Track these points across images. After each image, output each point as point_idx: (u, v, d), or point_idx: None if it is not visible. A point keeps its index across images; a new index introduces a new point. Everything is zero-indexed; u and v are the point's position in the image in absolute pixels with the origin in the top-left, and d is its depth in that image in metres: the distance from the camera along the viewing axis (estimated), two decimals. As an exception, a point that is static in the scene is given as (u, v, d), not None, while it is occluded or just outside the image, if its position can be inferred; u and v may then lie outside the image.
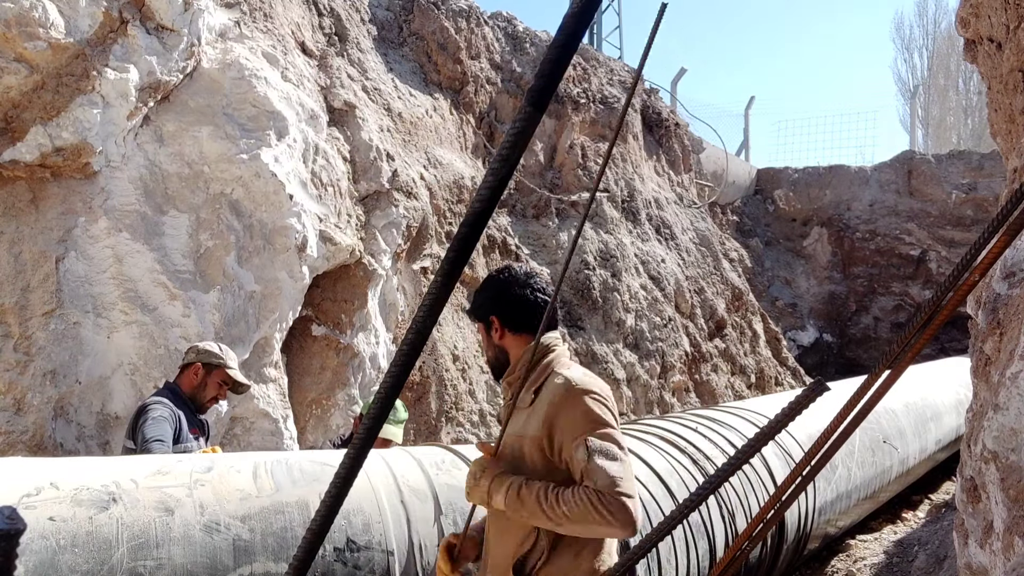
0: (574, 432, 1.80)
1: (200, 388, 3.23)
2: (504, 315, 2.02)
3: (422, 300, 0.82)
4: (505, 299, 2.02)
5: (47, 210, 3.60)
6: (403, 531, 2.33)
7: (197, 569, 1.91)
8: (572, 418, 1.82)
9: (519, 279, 2.03)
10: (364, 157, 5.27)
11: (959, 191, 13.07)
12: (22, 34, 3.34)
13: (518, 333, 2.01)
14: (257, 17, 4.75)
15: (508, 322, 2.01)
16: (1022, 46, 2.15)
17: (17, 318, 3.44)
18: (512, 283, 2.03)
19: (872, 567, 4.85)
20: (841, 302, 13.55)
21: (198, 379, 3.23)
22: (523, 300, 2.01)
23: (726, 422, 4.30)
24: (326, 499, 0.94)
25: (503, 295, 2.03)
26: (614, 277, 7.79)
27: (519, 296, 2.01)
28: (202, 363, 3.23)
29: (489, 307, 2.04)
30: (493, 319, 2.03)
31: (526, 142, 0.73)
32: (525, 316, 2.01)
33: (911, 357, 1.10)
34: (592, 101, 8.83)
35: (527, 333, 2.00)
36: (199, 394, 3.24)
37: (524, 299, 2.01)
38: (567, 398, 1.84)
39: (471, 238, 0.76)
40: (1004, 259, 2.04)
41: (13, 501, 1.75)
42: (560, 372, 1.93)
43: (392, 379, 0.83)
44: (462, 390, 5.93)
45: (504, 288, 2.03)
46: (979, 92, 24.42)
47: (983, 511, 1.97)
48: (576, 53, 2.42)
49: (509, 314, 2.01)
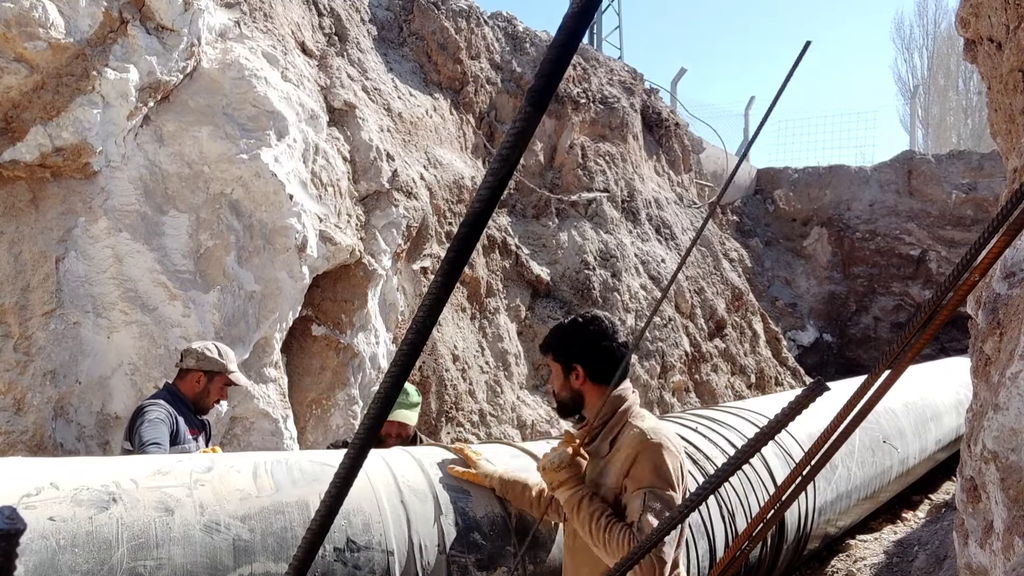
0: (640, 481, 1.93)
1: (203, 395, 3.24)
2: (590, 366, 2.11)
3: (422, 300, 0.82)
4: (594, 352, 2.11)
5: (47, 210, 3.60)
6: (403, 531, 2.33)
7: (197, 569, 1.91)
8: (643, 468, 1.95)
9: (608, 332, 2.12)
10: (364, 157, 5.27)
11: (959, 191, 13.07)
12: (22, 34, 3.34)
13: (597, 383, 2.11)
14: (257, 17, 4.75)
15: (592, 373, 2.11)
16: (1022, 46, 2.15)
17: (17, 318, 3.44)
18: (602, 336, 2.11)
19: (872, 567, 4.86)
20: (841, 302, 13.55)
21: (200, 387, 3.23)
22: (610, 354, 2.11)
23: (726, 422, 4.30)
24: (326, 499, 0.94)
25: (593, 347, 2.11)
26: (614, 277, 7.79)
27: (607, 350, 2.11)
28: (203, 371, 3.22)
29: (576, 355, 2.12)
30: (577, 367, 2.12)
31: (526, 142, 0.73)
32: (610, 370, 2.09)
33: (911, 357, 1.09)
34: (592, 101, 8.83)
35: (605, 384, 2.10)
36: (201, 400, 3.25)
37: (611, 353, 2.11)
38: (643, 449, 1.97)
39: (471, 238, 0.76)
40: (1004, 259, 2.04)
41: (13, 501, 1.75)
42: (635, 424, 2.04)
43: (392, 379, 0.83)
44: (462, 390, 5.93)
45: (594, 340, 2.11)
46: (979, 92, 24.42)
47: (983, 511, 1.97)
48: (576, 53, 2.42)
49: (595, 366, 2.10)
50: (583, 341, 2.12)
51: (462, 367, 6.02)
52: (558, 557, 2.62)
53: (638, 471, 1.94)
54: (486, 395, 6.22)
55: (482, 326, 6.59)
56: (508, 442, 3.32)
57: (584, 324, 2.14)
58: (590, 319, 2.15)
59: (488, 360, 6.46)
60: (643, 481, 1.92)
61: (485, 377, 6.28)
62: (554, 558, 2.62)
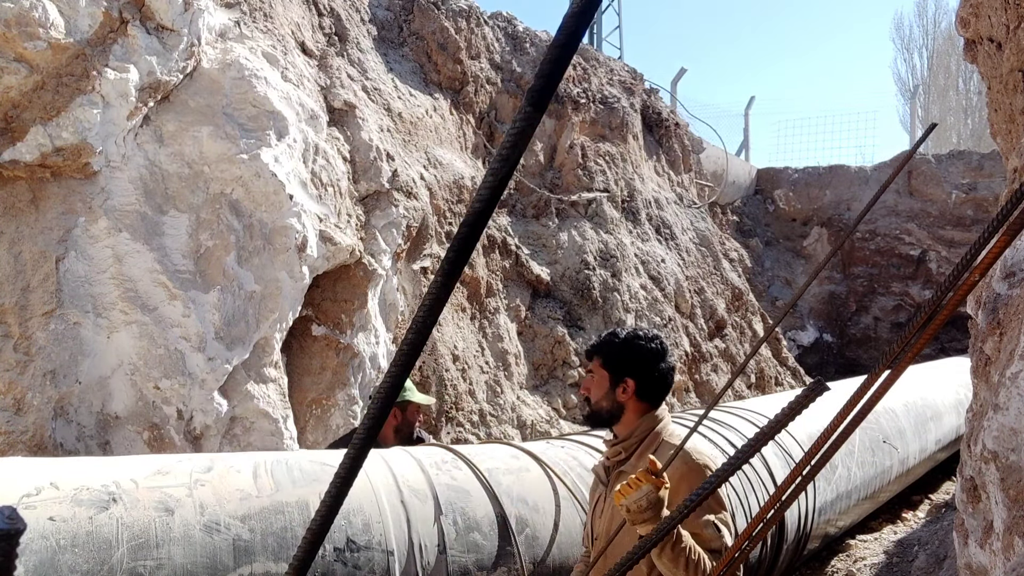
0: (701, 508, 1.92)
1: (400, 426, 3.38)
2: (642, 384, 2.13)
3: (422, 300, 0.82)
4: (650, 371, 2.14)
5: (47, 210, 3.60)
6: (403, 531, 2.33)
7: (197, 569, 1.91)
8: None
9: (663, 354, 2.18)
10: (364, 157, 5.27)
11: (959, 191, 13.08)
12: (22, 34, 3.34)
13: (643, 400, 2.14)
14: (257, 17, 4.75)
15: (642, 391, 2.13)
16: (1022, 46, 2.15)
17: (17, 318, 3.44)
18: (660, 357, 2.17)
19: (872, 567, 4.86)
20: (841, 302, 13.55)
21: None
22: (664, 377, 2.15)
23: (726, 422, 4.30)
24: (326, 499, 0.94)
25: (650, 367, 2.14)
26: (614, 277, 7.79)
27: (663, 372, 2.15)
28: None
29: (631, 370, 2.13)
30: (628, 380, 2.12)
31: (526, 142, 0.73)
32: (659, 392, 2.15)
33: (911, 357, 1.09)
34: (592, 101, 8.83)
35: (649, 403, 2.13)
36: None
37: (665, 377, 2.15)
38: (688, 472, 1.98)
39: (471, 238, 0.76)
40: (1004, 259, 2.04)
41: (13, 501, 1.75)
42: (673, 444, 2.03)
43: (392, 379, 0.83)
44: (462, 390, 5.92)
45: (653, 360, 2.15)
46: (979, 92, 24.43)
47: (983, 511, 1.97)
48: (576, 53, 2.43)
49: (648, 385, 2.13)
50: (642, 359, 2.13)
51: (462, 367, 6.02)
52: (558, 557, 2.62)
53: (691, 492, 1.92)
54: (486, 395, 6.22)
55: (482, 326, 6.59)
56: (508, 442, 3.33)
57: (643, 342, 2.16)
58: (651, 337, 2.19)
59: (488, 360, 6.46)
60: (704, 507, 1.92)
61: (485, 377, 6.28)
62: (554, 558, 2.62)
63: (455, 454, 2.81)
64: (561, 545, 2.65)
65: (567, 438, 3.66)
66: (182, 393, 3.77)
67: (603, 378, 2.14)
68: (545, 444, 3.30)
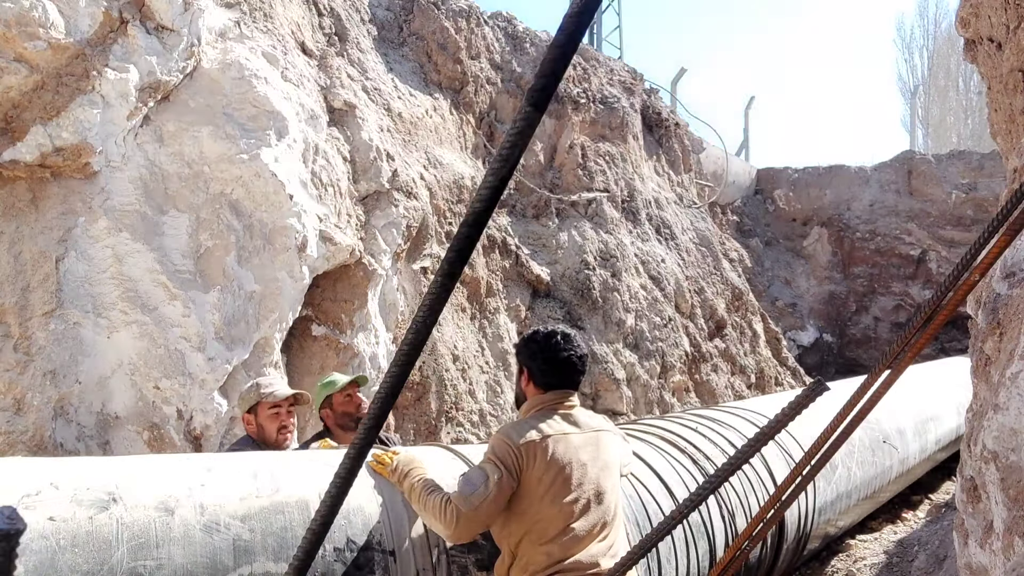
0: None
1: (260, 432, 3.00)
2: (532, 373, 2.50)
3: (422, 300, 0.82)
4: (536, 362, 2.51)
5: (47, 210, 3.60)
6: (403, 531, 2.33)
7: (197, 569, 1.91)
8: None
9: (550, 348, 2.49)
10: (364, 157, 5.27)
11: (959, 191, 13.08)
12: (22, 34, 3.34)
13: (537, 387, 2.50)
14: (257, 17, 4.75)
15: (535, 379, 2.48)
16: (1022, 46, 2.15)
17: (17, 318, 3.44)
18: (545, 350, 2.49)
19: (872, 567, 4.85)
20: (841, 302, 13.55)
21: (253, 426, 3.01)
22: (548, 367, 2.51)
23: (726, 422, 4.30)
24: (326, 499, 0.94)
25: (535, 359, 2.50)
26: (614, 277, 7.79)
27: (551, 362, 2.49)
28: (245, 412, 3.03)
29: (525, 361, 2.54)
30: (525, 371, 2.52)
31: (526, 142, 0.73)
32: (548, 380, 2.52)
33: (911, 357, 1.09)
34: (592, 101, 8.83)
35: (541, 388, 2.50)
36: (264, 437, 3.00)
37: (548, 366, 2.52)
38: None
39: (471, 238, 0.76)
40: (1004, 259, 2.04)
41: (13, 501, 1.75)
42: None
43: (392, 379, 0.83)
44: (462, 390, 5.93)
45: (539, 352, 2.50)
46: (979, 92, 24.42)
47: (983, 511, 1.97)
48: (576, 53, 2.43)
49: (536, 374, 2.49)
50: (530, 351, 2.49)
51: (462, 367, 6.02)
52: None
53: None
54: (486, 395, 6.23)
55: (482, 326, 6.59)
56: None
57: (539, 336, 2.50)
58: (548, 333, 2.50)
59: (488, 360, 6.46)
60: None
61: (485, 377, 6.28)
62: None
63: (455, 454, 2.81)
64: (561, 545, 2.65)
65: (567, 438, 3.65)
66: (182, 393, 3.77)
67: (518, 371, 2.53)
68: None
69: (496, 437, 2.32)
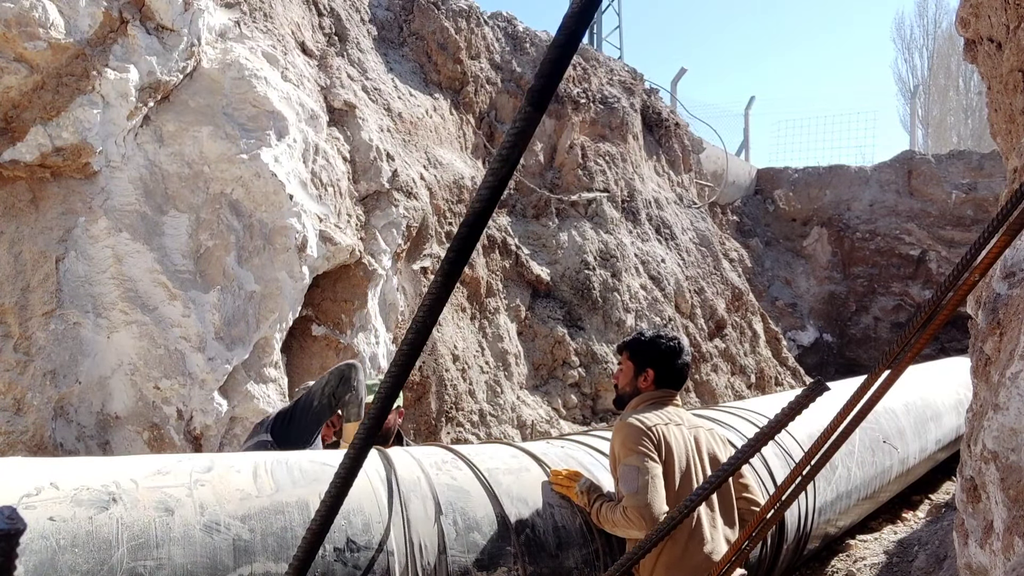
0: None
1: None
2: (660, 374, 2.71)
3: (422, 300, 0.82)
4: (666, 364, 2.75)
5: (47, 210, 3.60)
6: (403, 531, 2.33)
7: (197, 569, 1.91)
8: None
9: (679, 352, 2.74)
10: (364, 157, 5.27)
11: (959, 191, 13.07)
12: (22, 34, 3.34)
13: (659, 387, 2.71)
14: (257, 17, 4.75)
15: (660, 380, 2.70)
16: (1022, 46, 2.15)
17: (17, 318, 3.44)
18: (676, 354, 2.74)
19: (872, 567, 4.85)
20: (841, 302, 13.55)
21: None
22: (678, 370, 2.79)
23: (726, 422, 4.29)
24: (326, 499, 0.94)
25: (667, 361, 2.74)
26: (614, 277, 7.79)
27: (679, 366, 2.76)
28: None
29: (651, 362, 2.72)
30: (649, 371, 2.68)
31: (526, 142, 0.73)
32: (674, 382, 2.77)
33: (911, 357, 1.10)
34: (592, 101, 8.83)
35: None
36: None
37: (679, 370, 2.79)
38: (619, 424, 2.60)
39: (471, 238, 0.76)
40: (1004, 259, 2.04)
41: (13, 501, 1.75)
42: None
43: (392, 379, 0.83)
44: (462, 390, 5.92)
45: (669, 355, 2.73)
46: (979, 92, 24.43)
47: (983, 511, 1.97)
48: (576, 53, 2.44)
49: (664, 375, 2.71)
50: (660, 353, 2.68)
51: (462, 367, 6.02)
52: (559, 557, 2.62)
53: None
54: (486, 395, 6.22)
55: (482, 326, 6.59)
56: (508, 442, 3.32)
57: (665, 340, 2.69)
58: (670, 337, 2.71)
59: (488, 360, 6.46)
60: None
61: (485, 377, 6.28)
62: (554, 558, 2.62)
63: (455, 454, 2.81)
64: (561, 546, 2.65)
65: (567, 438, 3.65)
66: (182, 393, 3.77)
67: (629, 368, 2.67)
68: (545, 444, 3.30)
69: (625, 427, 2.46)
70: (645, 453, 2.37)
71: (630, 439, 2.41)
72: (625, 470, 2.38)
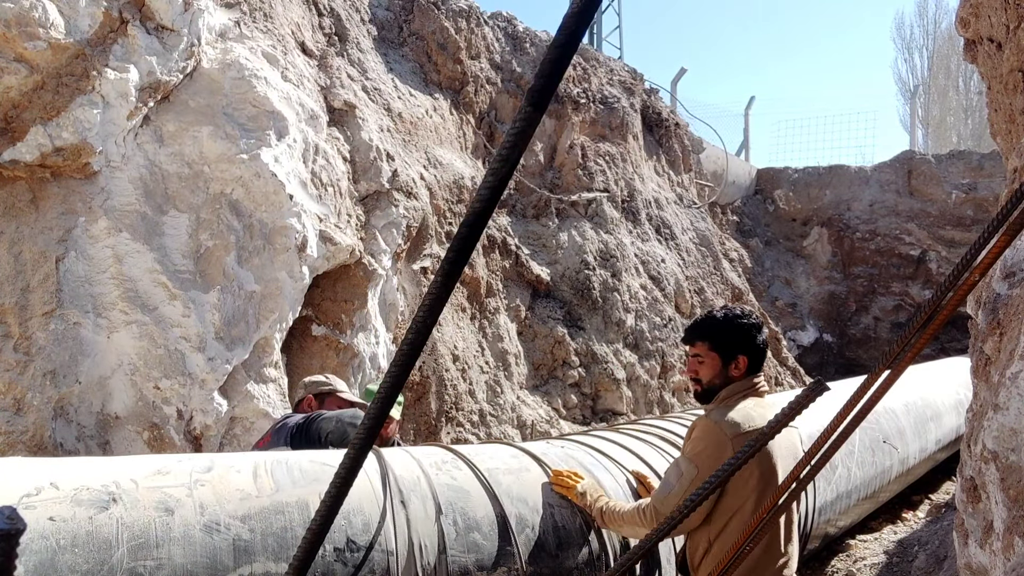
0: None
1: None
2: (752, 359, 2.44)
3: (422, 300, 0.82)
4: (756, 346, 2.47)
5: (47, 210, 3.60)
6: (403, 531, 2.33)
7: (197, 569, 1.91)
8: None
9: (760, 327, 2.50)
10: (364, 157, 5.27)
11: (959, 191, 13.07)
12: (22, 34, 3.34)
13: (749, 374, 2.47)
14: (257, 17, 4.75)
15: (753, 365, 2.44)
16: (1022, 46, 2.15)
17: (17, 318, 3.44)
18: (759, 331, 2.47)
19: (872, 567, 4.85)
20: (841, 302, 13.55)
21: (312, 410, 3.14)
22: (765, 348, 2.55)
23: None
24: (326, 499, 0.94)
25: (756, 342, 2.45)
26: (614, 277, 7.79)
27: (765, 344, 2.50)
28: (313, 394, 3.22)
29: (742, 348, 2.43)
30: (741, 358, 2.40)
31: (526, 142, 0.73)
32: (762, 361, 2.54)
33: (911, 357, 1.09)
34: (592, 101, 8.83)
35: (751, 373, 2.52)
36: None
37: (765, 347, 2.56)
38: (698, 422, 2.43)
39: (471, 238, 0.76)
40: (1004, 259, 2.04)
41: (13, 501, 1.75)
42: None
43: (392, 379, 0.83)
44: (462, 390, 5.92)
45: (756, 335, 2.46)
46: (979, 92, 24.43)
47: (983, 511, 1.97)
48: (576, 53, 2.44)
49: (756, 359, 2.45)
50: (748, 335, 2.41)
51: (462, 367, 6.02)
52: (559, 557, 2.62)
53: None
54: (486, 395, 6.22)
55: (482, 326, 6.59)
56: (508, 442, 3.32)
57: (745, 318, 2.44)
58: (747, 313, 2.46)
59: (488, 360, 6.46)
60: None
61: (485, 377, 6.28)
62: (554, 558, 2.62)
63: (455, 454, 2.81)
64: (560, 547, 2.65)
65: (567, 438, 3.65)
66: (182, 393, 3.77)
67: (714, 359, 2.38)
68: (545, 444, 3.30)
69: (707, 431, 2.25)
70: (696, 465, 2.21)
71: (701, 444, 2.23)
72: (674, 470, 2.27)
